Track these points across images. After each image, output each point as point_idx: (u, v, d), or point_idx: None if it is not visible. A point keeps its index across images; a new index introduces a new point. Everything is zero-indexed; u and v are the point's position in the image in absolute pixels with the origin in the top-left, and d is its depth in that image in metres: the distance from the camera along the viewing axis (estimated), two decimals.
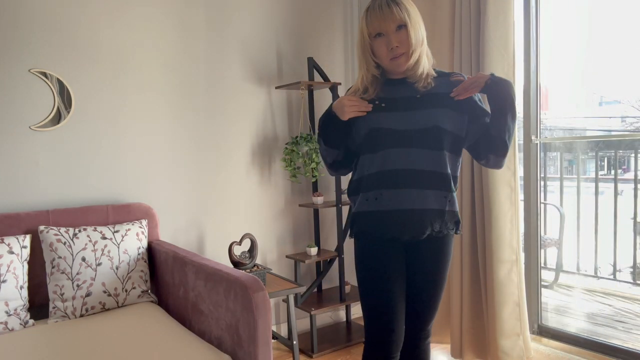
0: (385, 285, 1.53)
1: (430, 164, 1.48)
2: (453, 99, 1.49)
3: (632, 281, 3.55)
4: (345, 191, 1.91)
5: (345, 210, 3.13)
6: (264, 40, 2.90)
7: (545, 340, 2.63)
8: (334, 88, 2.88)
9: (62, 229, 2.08)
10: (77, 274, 2.03)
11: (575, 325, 3.15)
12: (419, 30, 1.47)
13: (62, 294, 2.01)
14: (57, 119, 2.26)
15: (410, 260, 1.58)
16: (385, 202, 1.49)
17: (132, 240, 2.20)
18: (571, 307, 3.50)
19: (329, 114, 1.56)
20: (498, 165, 1.56)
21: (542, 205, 3.81)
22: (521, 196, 2.56)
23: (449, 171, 1.51)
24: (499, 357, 2.40)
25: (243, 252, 2.54)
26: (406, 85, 1.53)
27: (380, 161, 1.50)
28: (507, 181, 2.38)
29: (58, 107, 2.26)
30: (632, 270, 3.52)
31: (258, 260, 2.90)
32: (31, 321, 1.94)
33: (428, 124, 1.47)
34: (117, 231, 2.18)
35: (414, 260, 1.58)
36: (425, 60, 1.51)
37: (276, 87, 2.91)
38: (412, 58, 1.47)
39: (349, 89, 1.63)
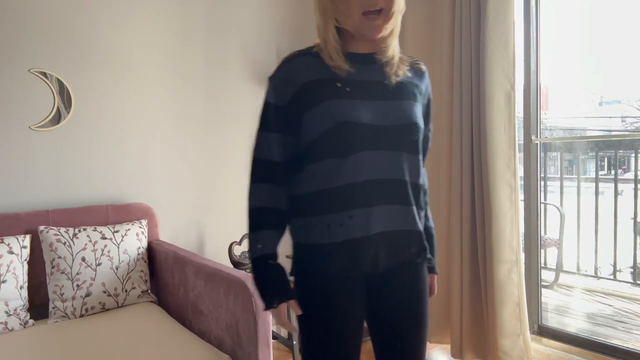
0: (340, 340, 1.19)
1: (409, 173, 1.16)
2: (420, 92, 1.22)
3: (632, 281, 3.56)
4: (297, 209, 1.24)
5: None
6: (264, 40, 2.90)
7: (545, 340, 2.63)
8: None
9: (62, 229, 2.08)
10: (77, 274, 2.03)
11: (575, 325, 3.14)
12: None
13: (62, 294, 2.00)
14: (57, 119, 2.26)
15: (378, 297, 1.21)
16: (354, 226, 1.11)
17: (132, 240, 2.20)
18: (571, 307, 3.49)
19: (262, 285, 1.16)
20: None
21: (542, 205, 3.81)
22: (521, 196, 2.56)
23: (421, 182, 1.22)
24: (499, 357, 2.40)
25: (243, 252, 2.54)
26: (373, 65, 1.17)
27: (352, 168, 1.10)
28: (507, 181, 2.38)
29: (58, 107, 2.26)
30: (632, 270, 3.52)
31: None
32: (31, 321, 1.94)
33: (406, 120, 1.14)
34: (117, 231, 2.18)
35: (384, 296, 1.21)
36: (397, 37, 1.18)
37: None
38: (391, 23, 1.11)
39: (299, 52, 1.18)
